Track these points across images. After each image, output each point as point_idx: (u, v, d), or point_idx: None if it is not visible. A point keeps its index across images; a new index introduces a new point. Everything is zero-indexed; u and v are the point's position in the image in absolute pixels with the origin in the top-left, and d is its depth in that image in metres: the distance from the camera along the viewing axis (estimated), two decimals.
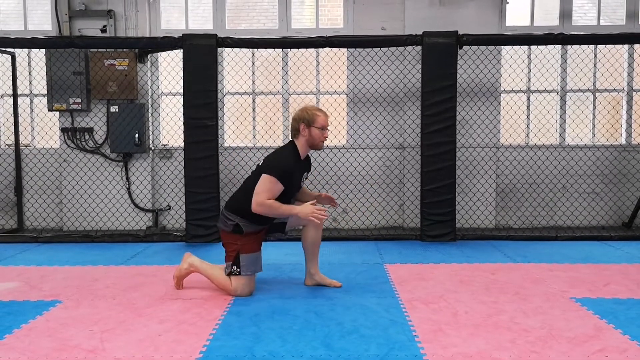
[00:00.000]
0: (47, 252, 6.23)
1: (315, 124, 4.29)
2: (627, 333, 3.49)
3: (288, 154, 4.32)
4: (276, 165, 4.21)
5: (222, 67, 7.73)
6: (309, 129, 4.30)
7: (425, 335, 3.48)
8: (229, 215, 4.36)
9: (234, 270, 4.33)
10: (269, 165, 4.23)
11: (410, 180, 7.63)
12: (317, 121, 4.29)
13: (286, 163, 4.23)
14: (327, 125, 4.35)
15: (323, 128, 4.32)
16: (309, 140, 4.34)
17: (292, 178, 4.25)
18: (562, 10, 7.72)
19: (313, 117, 4.29)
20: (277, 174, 4.15)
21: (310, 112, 4.32)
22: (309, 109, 4.35)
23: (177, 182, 7.66)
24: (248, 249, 4.34)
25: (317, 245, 4.62)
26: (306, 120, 4.30)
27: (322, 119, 4.32)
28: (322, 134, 4.32)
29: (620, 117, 7.89)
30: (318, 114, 4.31)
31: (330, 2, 7.87)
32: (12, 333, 3.57)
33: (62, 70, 7.41)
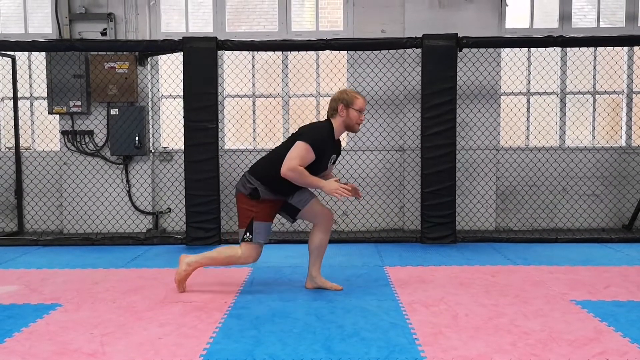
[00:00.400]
0: (47, 255, 6.23)
1: (354, 105, 4.35)
2: (627, 336, 3.48)
3: (324, 128, 4.39)
4: (312, 133, 4.27)
5: (222, 69, 7.73)
6: (347, 110, 4.36)
7: (425, 338, 3.48)
8: (250, 179, 4.38)
9: (247, 236, 4.35)
10: (304, 133, 4.28)
11: (411, 183, 7.64)
12: (356, 103, 4.36)
13: (322, 135, 4.31)
14: (364, 108, 4.42)
15: (361, 111, 4.39)
16: (345, 121, 4.39)
17: (324, 152, 4.30)
18: (562, 12, 7.72)
19: (352, 99, 4.36)
20: (312, 143, 4.20)
21: (350, 94, 4.40)
22: (349, 92, 4.43)
23: (178, 185, 7.67)
24: (262, 217, 4.35)
25: (324, 248, 4.63)
26: (345, 101, 4.36)
27: (361, 102, 4.39)
28: (359, 117, 4.39)
29: (620, 119, 7.89)
30: (357, 96, 4.39)
31: (330, 4, 7.88)
32: (12, 336, 3.57)
33: (62, 73, 7.42)
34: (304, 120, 7.75)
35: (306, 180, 4.22)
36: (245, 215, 4.40)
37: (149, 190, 7.76)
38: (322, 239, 4.58)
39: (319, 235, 4.57)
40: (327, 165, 4.48)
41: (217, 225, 6.82)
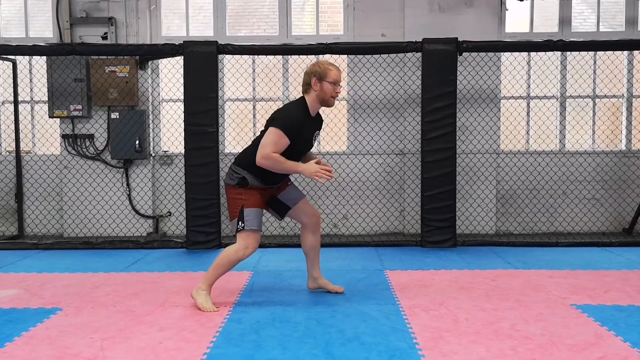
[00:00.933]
0: (47, 259, 6.23)
1: (328, 77, 4.20)
2: (627, 340, 3.48)
3: (296, 108, 4.27)
4: (283, 118, 4.14)
5: (223, 73, 7.74)
6: (321, 84, 4.21)
7: (425, 342, 3.47)
8: (236, 169, 4.30)
9: (240, 226, 4.23)
10: (275, 118, 4.16)
11: (411, 187, 7.64)
12: (330, 75, 4.20)
13: (294, 116, 4.17)
14: (339, 80, 4.25)
15: (335, 83, 4.23)
16: (319, 95, 4.24)
17: (300, 133, 4.18)
18: (562, 16, 7.74)
19: (325, 71, 4.21)
20: (284, 127, 4.07)
21: (323, 65, 4.23)
22: (322, 63, 4.27)
23: (178, 189, 7.67)
24: (252, 203, 4.24)
25: (317, 248, 4.62)
26: (318, 74, 4.21)
27: (335, 73, 4.23)
28: (334, 89, 4.23)
29: (620, 123, 7.90)
30: (330, 68, 4.23)
31: (330, 8, 7.89)
32: (12, 341, 3.57)
33: (63, 77, 7.43)
34: None
35: (283, 167, 4.08)
36: (234, 205, 4.28)
37: (149, 194, 7.76)
38: (313, 239, 4.56)
39: (309, 237, 4.55)
40: (311, 143, 4.38)
41: (218, 229, 6.82)
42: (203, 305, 4.23)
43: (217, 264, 4.33)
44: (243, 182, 4.26)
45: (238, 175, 4.28)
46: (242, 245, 4.24)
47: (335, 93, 4.26)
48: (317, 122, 4.44)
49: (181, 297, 4.55)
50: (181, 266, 5.82)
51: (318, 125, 4.47)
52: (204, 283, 4.33)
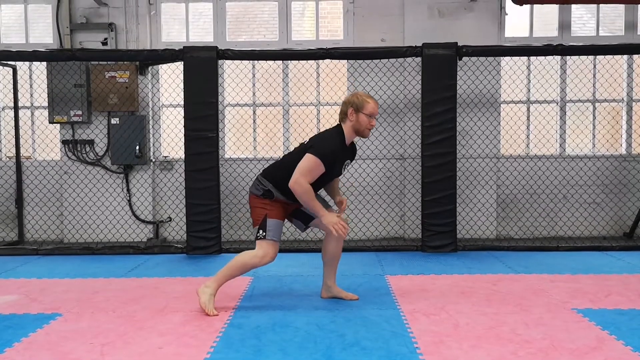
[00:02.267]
0: (47, 265, 6.22)
1: (364, 109, 4.22)
2: (629, 344, 3.47)
3: (334, 136, 4.29)
4: (322, 147, 4.17)
5: (223, 78, 7.75)
6: (357, 115, 4.23)
7: (426, 347, 3.46)
8: (263, 181, 4.33)
9: (260, 234, 4.26)
10: (314, 146, 4.18)
11: (411, 191, 7.63)
12: (366, 107, 4.22)
13: (331, 146, 4.20)
14: (376, 113, 4.28)
15: (371, 115, 4.25)
16: (355, 126, 4.26)
17: (334, 162, 4.22)
18: (561, 21, 7.75)
19: (363, 102, 4.23)
20: (321, 156, 4.11)
21: (361, 97, 4.27)
22: (360, 95, 4.31)
23: (178, 194, 7.67)
24: (275, 214, 4.29)
25: (337, 258, 4.60)
26: (355, 105, 4.24)
27: (372, 106, 4.25)
28: (370, 122, 4.25)
29: (620, 127, 7.90)
30: (368, 100, 4.26)
31: (330, 14, 7.91)
32: (12, 347, 3.56)
33: (63, 82, 7.44)
34: (304, 128, 7.77)
35: (307, 201, 4.15)
36: (258, 213, 4.31)
37: (149, 200, 7.76)
38: (335, 248, 4.54)
39: (332, 245, 4.53)
40: (340, 171, 4.42)
41: (218, 235, 6.81)
42: (205, 304, 4.23)
43: (231, 266, 4.35)
44: (268, 195, 4.30)
45: (264, 187, 4.31)
46: (261, 253, 4.26)
47: (371, 125, 4.28)
48: (350, 151, 4.44)
49: (181, 303, 4.54)
50: (181, 271, 5.82)
51: (350, 155, 4.46)
52: (213, 282, 4.35)
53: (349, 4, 7.71)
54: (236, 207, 7.76)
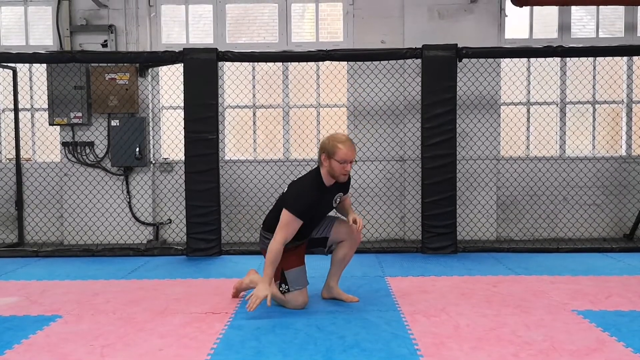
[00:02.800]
0: (47, 267, 6.22)
1: (335, 156, 4.08)
2: (629, 346, 3.47)
3: (311, 184, 4.19)
4: (296, 202, 4.11)
5: (223, 80, 7.75)
6: (329, 161, 4.11)
7: (427, 348, 3.46)
8: (266, 234, 4.36)
9: (284, 288, 4.32)
10: (289, 202, 4.13)
11: (411, 193, 7.63)
12: (338, 154, 4.07)
13: (306, 198, 4.12)
14: (350, 158, 4.09)
15: (344, 162, 4.09)
16: (329, 171, 4.16)
17: (316, 209, 4.20)
18: (561, 22, 7.75)
19: (334, 149, 4.07)
20: (297, 212, 4.08)
21: (332, 143, 4.10)
22: (333, 139, 4.15)
23: (178, 196, 7.67)
24: (290, 264, 4.31)
25: (346, 263, 4.60)
26: (327, 151, 4.11)
27: (344, 153, 4.06)
28: (343, 167, 4.10)
29: (620, 128, 7.90)
30: (340, 147, 4.07)
31: (330, 15, 7.91)
32: (12, 348, 3.55)
33: (63, 84, 7.44)
34: (304, 130, 7.77)
35: (268, 264, 4.08)
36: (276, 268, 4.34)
37: (149, 202, 7.76)
38: (346, 253, 4.53)
39: (344, 250, 4.52)
40: (331, 206, 4.37)
41: (218, 237, 6.81)
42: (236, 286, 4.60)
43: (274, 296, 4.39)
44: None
45: (268, 241, 4.25)
46: (292, 303, 4.35)
47: (345, 171, 4.13)
48: (336, 189, 4.33)
49: (182, 304, 4.54)
50: (181, 273, 5.81)
51: (341, 189, 4.38)
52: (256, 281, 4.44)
53: (348, 5, 7.72)
54: (236, 209, 7.76)
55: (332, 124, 7.75)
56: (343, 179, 4.21)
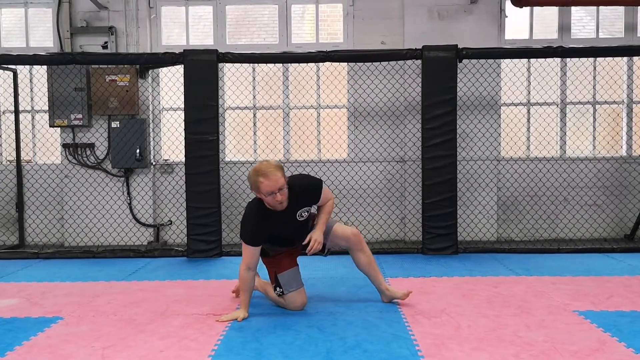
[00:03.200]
0: (48, 268, 6.22)
1: (261, 191, 3.92)
2: (631, 346, 3.47)
3: (253, 210, 4.10)
4: (242, 230, 4.17)
5: (223, 82, 7.76)
6: (259, 194, 3.99)
7: (428, 349, 3.46)
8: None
9: (278, 291, 4.37)
10: (240, 230, 4.22)
11: (412, 194, 7.63)
12: (262, 189, 3.90)
13: (249, 225, 4.09)
14: (275, 189, 3.86)
15: (270, 194, 3.89)
16: (266, 203, 4.03)
17: (267, 231, 4.10)
18: (561, 23, 7.75)
19: (256, 184, 3.91)
20: (246, 239, 4.13)
21: (254, 178, 3.92)
22: (255, 173, 3.92)
23: (179, 197, 7.67)
24: (282, 268, 4.35)
25: (373, 263, 4.49)
26: (254, 188, 3.97)
27: (266, 186, 3.86)
28: (273, 198, 3.91)
29: (621, 129, 7.90)
30: (261, 180, 3.87)
31: (330, 17, 7.91)
32: (13, 350, 3.56)
33: (63, 86, 7.45)
34: (305, 131, 7.78)
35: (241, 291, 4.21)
36: (270, 272, 4.44)
37: (150, 203, 7.76)
38: (363, 257, 4.46)
39: (359, 256, 4.47)
40: (299, 222, 4.21)
41: (219, 238, 6.81)
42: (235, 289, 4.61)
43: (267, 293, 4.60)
44: (264, 253, 4.36)
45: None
46: (290, 305, 4.37)
47: (277, 200, 3.93)
48: (292, 206, 4.08)
49: (182, 306, 4.54)
50: (182, 275, 5.81)
51: (298, 207, 4.14)
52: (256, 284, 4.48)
53: (348, 6, 7.72)
54: (237, 210, 7.76)
55: (333, 125, 7.75)
56: (281, 208, 4.00)
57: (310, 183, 4.27)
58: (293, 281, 4.35)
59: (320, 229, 4.25)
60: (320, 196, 4.26)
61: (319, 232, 4.23)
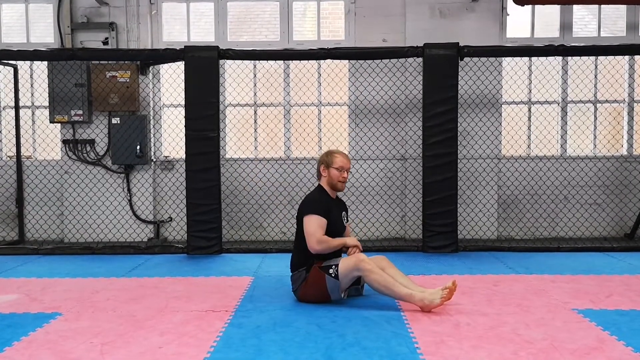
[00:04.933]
0: (48, 264, 6.22)
1: (334, 164, 4.57)
2: (630, 345, 3.46)
3: (317, 193, 4.60)
4: (310, 204, 4.48)
5: (224, 78, 7.75)
6: (328, 170, 4.59)
7: (427, 347, 3.46)
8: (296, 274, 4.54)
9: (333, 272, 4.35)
10: (303, 209, 4.49)
11: (412, 192, 7.63)
12: (335, 162, 4.58)
13: (318, 199, 4.51)
14: (346, 166, 4.60)
15: (341, 169, 4.57)
16: (328, 181, 4.60)
17: (330, 211, 4.48)
18: (563, 21, 7.74)
19: (331, 158, 4.60)
20: (316, 211, 4.40)
21: (330, 154, 4.64)
22: (330, 152, 4.68)
23: (179, 194, 7.66)
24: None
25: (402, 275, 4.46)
26: (325, 162, 4.61)
27: (341, 160, 4.59)
28: (340, 174, 4.58)
29: (621, 128, 7.89)
30: (336, 155, 4.62)
31: (331, 14, 7.90)
32: (12, 346, 3.55)
33: (63, 82, 7.44)
34: (305, 129, 7.77)
35: (333, 244, 4.38)
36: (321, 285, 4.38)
37: (150, 200, 7.75)
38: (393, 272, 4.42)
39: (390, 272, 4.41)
40: (342, 224, 4.64)
41: (219, 235, 6.81)
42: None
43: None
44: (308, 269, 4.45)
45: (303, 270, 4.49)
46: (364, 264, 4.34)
47: (342, 178, 4.60)
48: (340, 204, 4.76)
49: (182, 302, 4.54)
50: (182, 271, 5.81)
51: (343, 207, 4.78)
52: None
53: (350, 4, 7.71)
54: (237, 208, 7.76)
55: (334, 123, 7.75)
56: (341, 187, 4.63)
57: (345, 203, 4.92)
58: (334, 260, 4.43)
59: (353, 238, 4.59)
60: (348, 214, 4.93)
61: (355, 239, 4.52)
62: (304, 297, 4.49)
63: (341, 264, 4.34)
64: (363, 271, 4.25)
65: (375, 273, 4.24)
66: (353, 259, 4.32)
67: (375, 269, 4.26)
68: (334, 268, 4.34)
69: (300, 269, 4.51)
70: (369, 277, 4.24)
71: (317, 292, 4.40)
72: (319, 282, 4.37)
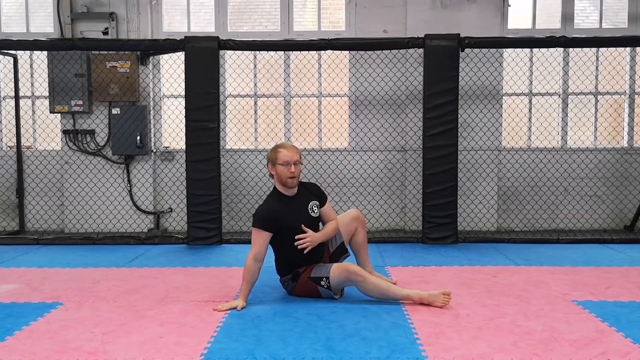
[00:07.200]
0: (48, 254, 6.23)
1: (278, 160, 4.22)
2: (629, 336, 3.47)
3: (268, 199, 4.34)
4: (256, 215, 4.22)
5: (224, 69, 7.73)
6: (275, 168, 4.25)
7: (426, 338, 3.47)
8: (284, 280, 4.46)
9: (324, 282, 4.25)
10: (253, 219, 4.24)
11: (412, 183, 7.63)
12: (279, 157, 4.21)
13: (264, 210, 4.22)
14: (292, 160, 4.20)
15: (286, 164, 4.20)
16: (278, 179, 4.28)
17: (279, 220, 4.20)
18: (564, 13, 7.71)
19: (275, 154, 4.24)
20: (258, 224, 4.17)
21: (274, 150, 4.27)
22: (275, 147, 4.31)
23: (179, 185, 7.67)
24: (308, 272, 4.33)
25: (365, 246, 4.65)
26: (270, 160, 4.28)
27: (284, 154, 4.21)
28: (287, 170, 4.20)
29: (622, 120, 7.88)
30: (280, 150, 4.24)
31: (332, 5, 7.87)
32: (13, 335, 3.56)
33: (64, 72, 7.43)
34: (306, 119, 7.76)
35: (243, 282, 4.16)
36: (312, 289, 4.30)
37: (150, 190, 7.76)
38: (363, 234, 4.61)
39: (359, 231, 4.59)
40: (310, 217, 4.35)
41: (219, 225, 6.82)
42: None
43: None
44: (295, 275, 4.35)
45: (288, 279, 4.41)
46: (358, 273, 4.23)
47: (290, 173, 4.20)
48: (303, 196, 4.39)
49: (182, 293, 4.55)
50: (182, 262, 5.82)
51: (309, 197, 4.41)
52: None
53: None
54: (237, 198, 7.76)
55: (334, 114, 7.74)
56: (291, 183, 4.25)
57: (318, 186, 4.61)
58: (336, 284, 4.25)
59: (321, 234, 4.36)
60: (326, 198, 4.54)
61: (318, 235, 4.32)
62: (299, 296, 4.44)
63: (332, 276, 4.20)
64: (356, 283, 4.17)
65: (368, 282, 4.14)
66: (344, 272, 4.17)
67: (367, 277, 4.15)
68: (325, 280, 4.24)
69: (285, 277, 4.43)
70: (363, 288, 4.17)
71: (310, 295, 4.35)
72: (311, 289, 4.30)
